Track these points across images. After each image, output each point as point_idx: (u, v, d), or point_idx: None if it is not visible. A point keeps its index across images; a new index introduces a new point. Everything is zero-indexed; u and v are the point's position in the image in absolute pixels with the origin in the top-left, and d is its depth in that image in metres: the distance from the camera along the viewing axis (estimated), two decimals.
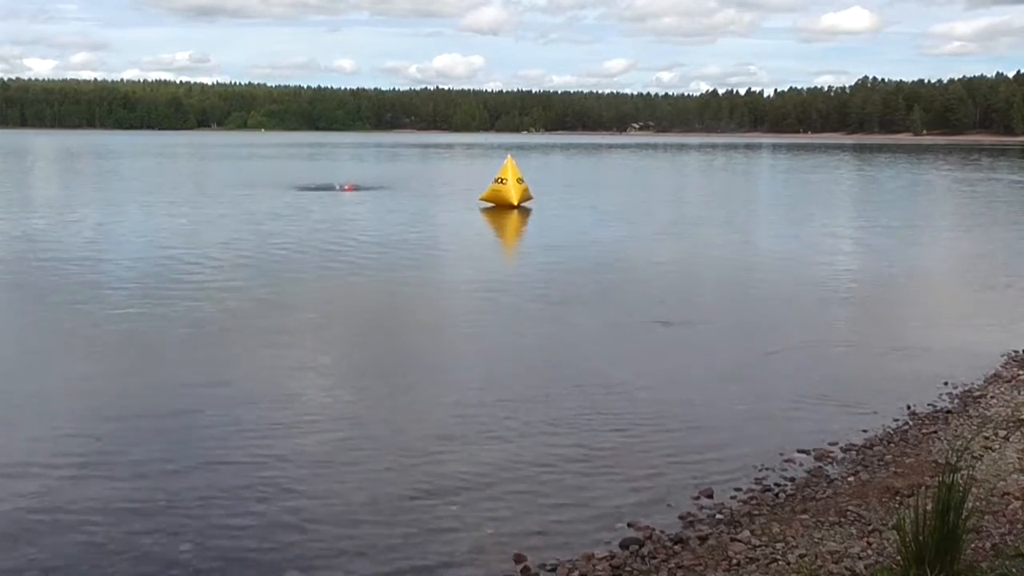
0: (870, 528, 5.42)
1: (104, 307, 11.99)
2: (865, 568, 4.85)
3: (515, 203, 26.00)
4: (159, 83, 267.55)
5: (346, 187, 32.84)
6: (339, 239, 19.25)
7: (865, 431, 7.50)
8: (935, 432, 7.37)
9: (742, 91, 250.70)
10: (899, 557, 4.54)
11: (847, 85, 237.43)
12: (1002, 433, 7.13)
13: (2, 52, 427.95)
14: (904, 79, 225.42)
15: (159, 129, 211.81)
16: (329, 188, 33.03)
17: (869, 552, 5.07)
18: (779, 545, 5.27)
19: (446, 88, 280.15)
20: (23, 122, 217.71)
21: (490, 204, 26.65)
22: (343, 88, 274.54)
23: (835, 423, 7.69)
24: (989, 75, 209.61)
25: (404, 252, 17.59)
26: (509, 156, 27.41)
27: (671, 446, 7.12)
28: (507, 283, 14.96)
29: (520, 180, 26.48)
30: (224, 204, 27.66)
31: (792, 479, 6.51)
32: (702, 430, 7.51)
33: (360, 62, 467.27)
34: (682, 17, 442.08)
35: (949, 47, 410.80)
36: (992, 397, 8.31)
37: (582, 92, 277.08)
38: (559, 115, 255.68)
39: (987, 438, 7.02)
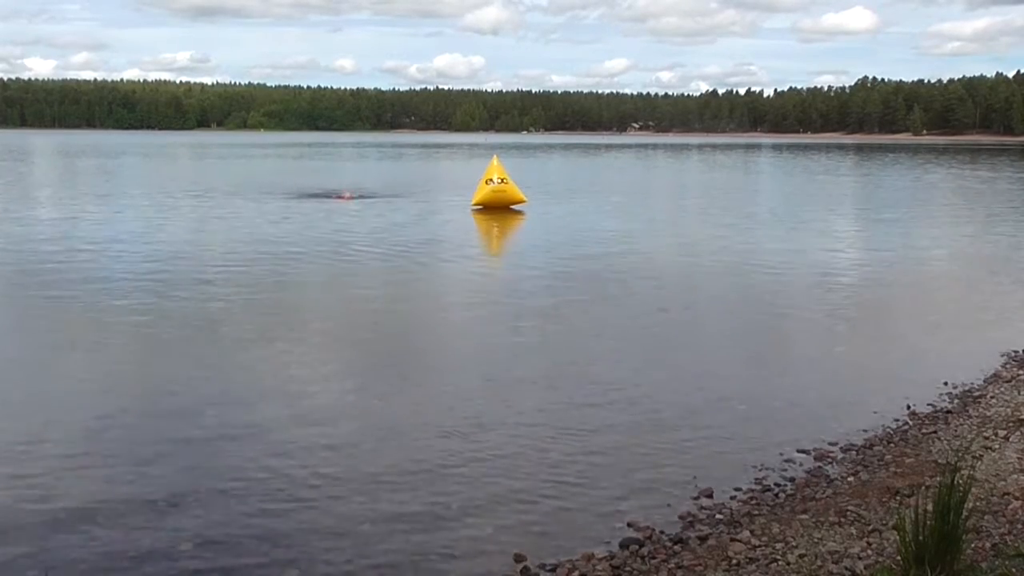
0: (870, 528, 5.41)
1: (100, 308, 12.00)
2: (865, 568, 4.85)
3: (473, 203, 26.01)
4: (159, 83, 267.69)
5: (344, 196, 29.97)
6: (336, 246, 19.23)
7: (865, 431, 7.50)
8: (935, 432, 7.36)
9: (742, 91, 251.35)
10: (899, 557, 4.53)
11: (847, 85, 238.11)
12: (1002, 433, 7.13)
13: (2, 52, 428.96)
14: (904, 79, 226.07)
15: (159, 129, 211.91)
16: (325, 196, 30.09)
17: (869, 552, 5.07)
18: (779, 545, 5.27)
19: (446, 88, 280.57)
20: (23, 122, 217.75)
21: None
22: (343, 88, 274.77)
23: (835, 423, 7.68)
24: (989, 75, 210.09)
25: (402, 252, 17.59)
26: (495, 157, 27.35)
27: (671, 446, 7.12)
28: (504, 284, 14.96)
29: (491, 181, 25.98)
30: (202, 214, 27.66)
31: (792, 479, 6.51)
32: (702, 430, 7.51)
33: (360, 62, 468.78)
34: (682, 17, 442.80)
35: (949, 47, 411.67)
36: (992, 397, 8.31)
37: (582, 92, 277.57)
38: (559, 115, 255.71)
39: (987, 438, 7.02)
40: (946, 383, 8.83)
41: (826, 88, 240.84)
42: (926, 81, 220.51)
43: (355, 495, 6.13)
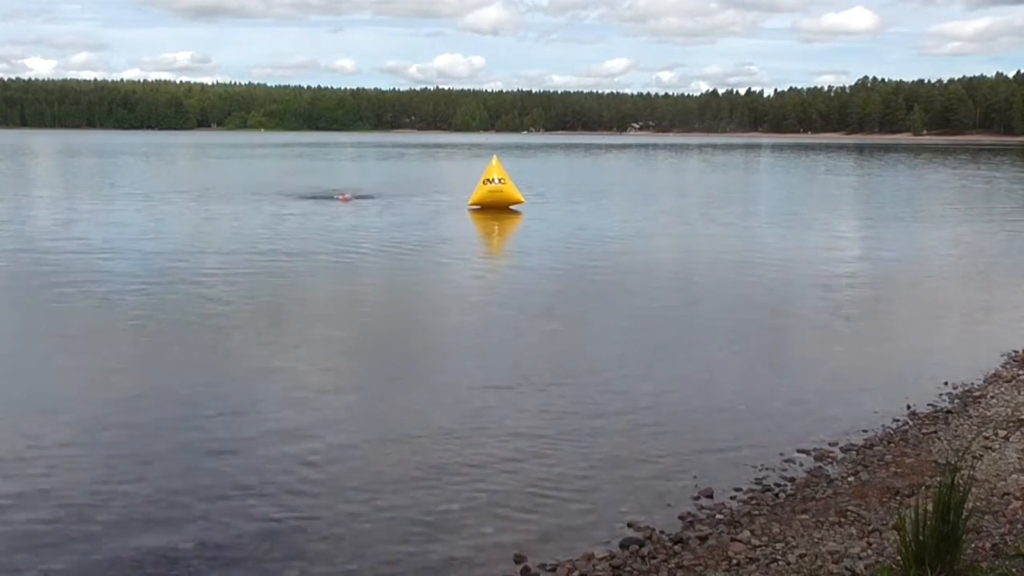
0: (870, 528, 5.41)
1: (100, 311, 12.00)
2: (865, 568, 4.85)
3: (470, 203, 26.23)
4: (159, 83, 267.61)
5: (343, 197, 29.18)
6: (336, 247, 19.23)
7: (865, 431, 7.50)
8: (935, 432, 7.36)
9: (742, 91, 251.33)
10: (899, 557, 4.53)
11: (847, 85, 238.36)
12: (1002, 433, 7.13)
13: (3, 52, 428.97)
14: (904, 79, 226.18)
15: (159, 129, 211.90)
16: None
17: (869, 552, 5.07)
18: (779, 545, 5.27)
19: (446, 88, 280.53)
20: (23, 122, 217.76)
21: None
22: (343, 88, 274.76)
23: (835, 423, 7.68)
24: (989, 75, 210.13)
25: (400, 253, 17.59)
26: (495, 157, 27.40)
27: (671, 446, 7.12)
28: (504, 285, 14.96)
29: (490, 181, 26.05)
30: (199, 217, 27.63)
31: (792, 479, 6.51)
32: (702, 430, 7.51)
33: (361, 62, 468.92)
34: (683, 17, 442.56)
35: (949, 47, 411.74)
36: (992, 397, 8.31)
37: (582, 92, 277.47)
38: (559, 115, 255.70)
39: (987, 438, 7.02)
40: (946, 383, 8.83)
41: (826, 88, 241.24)
42: (926, 81, 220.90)
43: (355, 495, 6.13)
